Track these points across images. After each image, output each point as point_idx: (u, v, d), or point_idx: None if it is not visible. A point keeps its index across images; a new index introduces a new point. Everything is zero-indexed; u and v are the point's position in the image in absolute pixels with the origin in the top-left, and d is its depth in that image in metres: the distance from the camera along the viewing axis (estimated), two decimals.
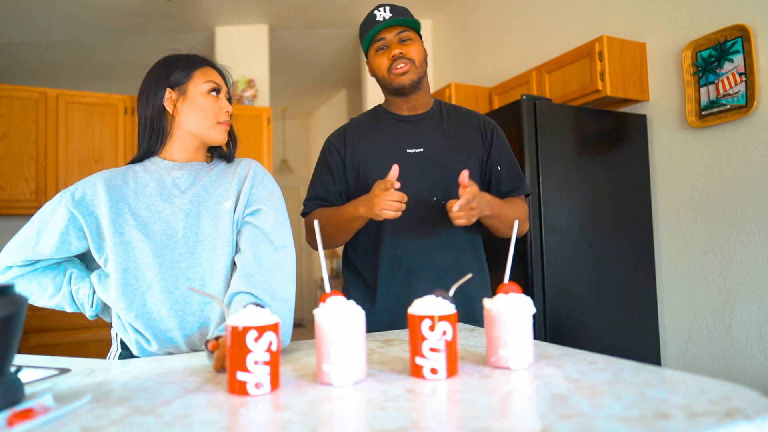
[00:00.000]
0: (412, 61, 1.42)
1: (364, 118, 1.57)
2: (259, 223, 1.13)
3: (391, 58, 1.42)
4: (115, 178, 1.16)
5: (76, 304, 1.17)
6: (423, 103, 1.52)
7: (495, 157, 1.49)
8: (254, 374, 0.71)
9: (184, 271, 1.10)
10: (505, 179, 1.49)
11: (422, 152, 1.46)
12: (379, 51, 1.45)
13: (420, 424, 0.58)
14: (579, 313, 2.29)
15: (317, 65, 5.24)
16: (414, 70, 1.43)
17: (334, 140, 1.54)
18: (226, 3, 3.79)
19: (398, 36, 1.43)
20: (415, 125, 1.50)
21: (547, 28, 3.11)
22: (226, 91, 1.21)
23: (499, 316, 0.82)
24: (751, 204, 2.13)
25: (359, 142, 1.51)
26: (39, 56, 4.48)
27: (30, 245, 1.13)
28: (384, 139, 1.49)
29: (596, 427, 0.54)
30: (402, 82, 1.43)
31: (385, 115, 1.54)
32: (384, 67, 1.44)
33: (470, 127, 1.51)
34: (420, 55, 1.44)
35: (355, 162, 1.50)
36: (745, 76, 2.11)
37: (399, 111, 1.52)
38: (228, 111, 1.19)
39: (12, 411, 0.61)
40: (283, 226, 1.15)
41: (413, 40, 1.44)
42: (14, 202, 3.24)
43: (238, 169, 1.21)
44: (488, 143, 1.50)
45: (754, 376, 2.11)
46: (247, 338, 0.71)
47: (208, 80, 1.17)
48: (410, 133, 1.49)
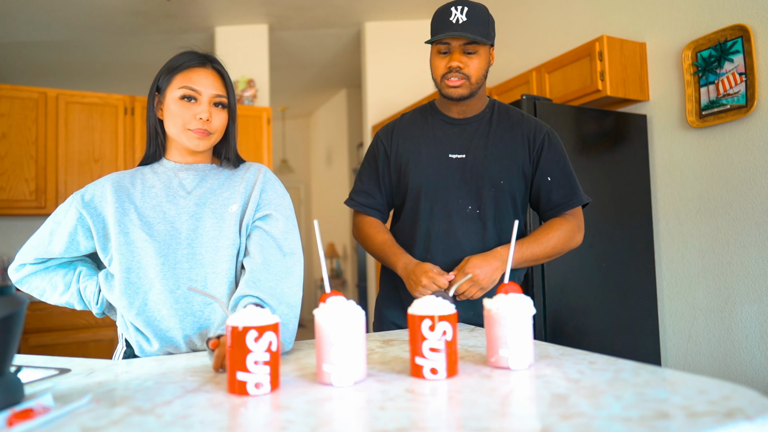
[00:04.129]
0: (468, 77, 1.35)
1: (414, 116, 1.53)
2: (269, 228, 1.14)
3: (447, 67, 1.35)
4: (124, 180, 1.19)
5: (84, 301, 1.19)
6: (475, 107, 1.46)
7: (545, 168, 1.42)
8: (254, 374, 0.71)
9: (186, 272, 1.10)
10: (556, 191, 1.42)
11: (464, 158, 1.41)
12: (440, 53, 1.37)
13: (420, 424, 0.58)
14: (579, 313, 2.29)
15: (317, 65, 5.24)
16: (467, 86, 1.37)
17: (382, 136, 1.53)
18: (226, 3, 3.79)
19: (464, 47, 1.34)
20: (462, 129, 1.45)
21: (547, 28, 3.11)
22: (213, 95, 1.15)
23: (499, 316, 0.82)
24: (751, 204, 2.13)
25: (404, 140, 1.48)
26: (39, 56, 4.48)
27: (43, 245, 1.17)
28: (429, 142, 1.45)
29: (596, 427, 0.54)
30: (451, 94, 1.38)
31: (435, 114, 1.49)
32: (439, 73, 1.38)
33: (519, 134, 1.43)
34: (479, 71, 1.36)
35: (398, 160, 1.48)
36: (745, 76, 2.11)
37: (449, 113, 1.47)
38: (202, 117, 1.12)
39: (12, 411, 0.61)
40: (292, 233, 1.16)
41: (479, 54, 1.35)
42: (14, 202, 3.24)
43: (247, 173, 1.21)
44: (536, 153, 1.42)
45: (754, 376, 2.11)
46: (247, 338, 0.71)
47: (183, 86, 1.13)
48: (456, 137, 1.44)
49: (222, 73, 1.19)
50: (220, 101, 1.16)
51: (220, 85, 1.17)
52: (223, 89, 1.17)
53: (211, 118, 1.14)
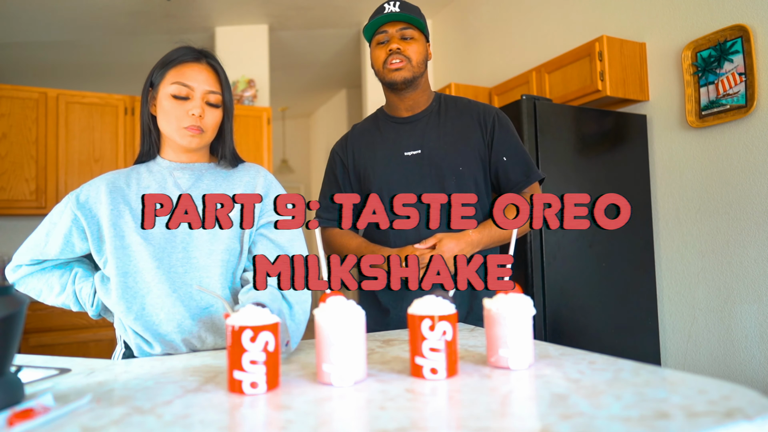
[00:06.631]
0: (408, 59, 1.41)
1: (365, 124, 1.58)
2: (275, 237, 1.15)
3: (387, 52, 1.41)
4: (119, 180, 1.16)
5: (80, 303, 1.18)
6: (421, 101, 1.50)
7: (499, 149, 1.45)
8: (250, 374, 0.71)
9: (181, 276, 1.09)
10: (513, 169, 1.45)
11: (420, 154, 1.45)
12: (379, 44, 1.44)
13: (420, 424, 0.58)
14: (579, 313, 2.29)
15: (317, 65, 5.24)
16: (409, 69, 1.41)
17: (337, 149, 1.57)
18: (226, 3, 3.79)
19: (401, 32, 1.41)
20: (413, 126, 1.49)
21: (547, 28, 3.11)
22: (206, 91, 1.12)
23: (499, 316, 0.82)
24: (751, 204, 2.13)
25: (360, 149, 1.53)
26: (39, 56, 4.48)
27: (39, 246, 1.15)
28: (383, 145, 1.49)
29: (596, 427, 0.54)
30: (394, 77, 1.42)
31: (385, 118, 1.54)
32: (380, 60, 1.43)
33: (469, 119, 1.47)
34: (418, 54, 1.42)
35: (356, 169, 1.52)
36: (745, 76, 2.11)
37: (397, 113, 1.51)
38: (194, 114, 1.10)
39: (12, 411, 0.61)
40: (298, 238, 1.18)
41: (415, 39, 1.42)
42: (14, 202, 3.24)
43: (246, 176, 1.20)
44: (489, 135, 1.46)
45: (754, 376, 2.11)
46: (243, 338, 0.71)
47: (175, 81, 1.10)
48: (408, 134, 1.48)
49: (216, 68, 1.15)
50: (214, 97, 1.13)
51: (214, 81, 1.14)
52: (217, 85, 1.14)
53: (204, 115, 1.11)
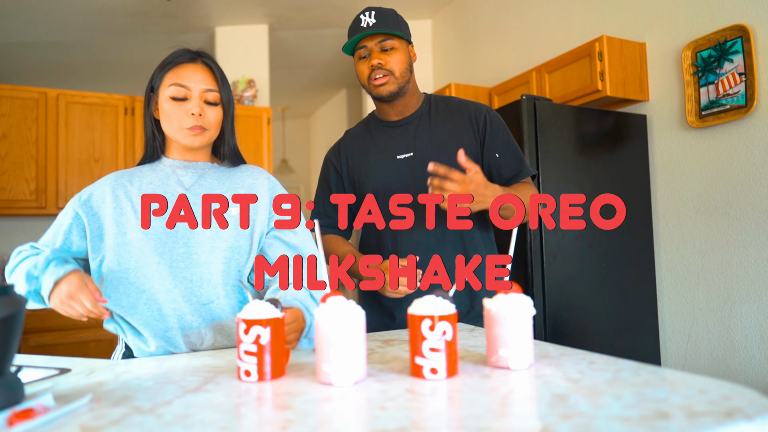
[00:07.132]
0: (391, 72, 1.40)
1: (357, 130, 1.59)
2: (289, 239, 1.18)
3: (370, 67, 1.41)
4: (122, 179, 1.19)
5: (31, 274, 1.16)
6: (411, 105, 1.50)
7: (491, 146, 1.45)
8: (244, 363, 0.79)
9: (182, 271, 1.10)
10: (505, 165, 1.44)
11: (412, 156, 1.45)
12: (361, 59, 1.43)
13: (420, 424, 0.58)
14: (579, 313, 2.29)
15: (317, 65, 5.24)
16: (393, 81, 1.41)
17: (330, 156, 1.58)
18: (226, 3, 3.79)
19: (380, 45, 1.40)
20: (404, 129, 1.49)
21: (547, 28, 3.11)
22: (204, 90, 1.14)
23: (499, 316, 0.82)
24: (751, 204, 2.13)
25: (353, 155, 1.53)
26: (39, 56, 4.48)
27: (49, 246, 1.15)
28: (375, 149, 1.50)
29: (596, 427, 0.54)
30: (380, 92, 1.42)
31: (376, 123, 1.54)
32: (364, 76, 1.43)
33: (460, 118, 1.47)
34: (400, 64, 1.41)
35: (350, 175, 1.53)
36: (745, 76, 2.11)
37: (388, 117, 1.51)
38: (194, 113, 1.12)
39: (12, 411, 0.61)
40: (309, 238, 1.21)
41: (396, 49, 1.41)
42: (14, 202, 3.24)
43: (249, 178, 1.22)
44: (481, 133, 1.45)
45: (754, 376, 2.11)
46: (239, 329, 0.80)
47: (173, 83, 1.13)
48: (400, 138, 1.48)
49: (212, 67, 1.17)
50: (211, 95, 1.15)
51: (211, 80, 1.15)
52: (213, 83, 1.15)
53: (204, 114, 1.13)
